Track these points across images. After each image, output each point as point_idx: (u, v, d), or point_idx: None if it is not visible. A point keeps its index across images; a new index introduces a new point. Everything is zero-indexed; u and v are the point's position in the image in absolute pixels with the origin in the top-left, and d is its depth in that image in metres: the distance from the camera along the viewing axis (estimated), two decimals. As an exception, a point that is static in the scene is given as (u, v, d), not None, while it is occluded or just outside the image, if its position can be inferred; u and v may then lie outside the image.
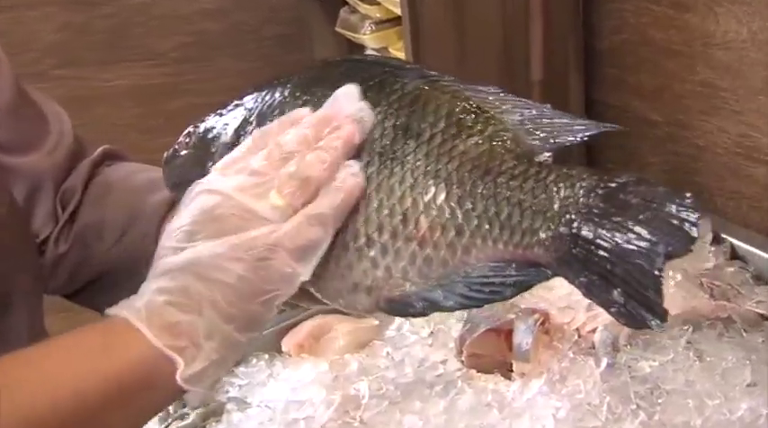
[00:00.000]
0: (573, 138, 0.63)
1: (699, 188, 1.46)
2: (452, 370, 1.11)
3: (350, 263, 0.63)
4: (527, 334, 1.07)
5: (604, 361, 1.05)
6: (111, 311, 0.60)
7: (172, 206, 0.80)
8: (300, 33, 2.03)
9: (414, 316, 0.64)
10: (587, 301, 0.64)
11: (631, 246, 0.58)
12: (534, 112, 0.64)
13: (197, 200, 0.62)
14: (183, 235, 0.61)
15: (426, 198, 0.62)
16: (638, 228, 0.58)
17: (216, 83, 2.01)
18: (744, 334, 1.09)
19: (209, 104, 0.73)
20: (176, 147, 0.74)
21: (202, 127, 0.72)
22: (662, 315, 0.58)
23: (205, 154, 0.71)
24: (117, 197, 0.86)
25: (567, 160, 0.63)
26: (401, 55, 1.64)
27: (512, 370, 1.08)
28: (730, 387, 1.01)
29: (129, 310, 0.59)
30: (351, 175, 0.62)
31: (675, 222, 0.58)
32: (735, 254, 1.27)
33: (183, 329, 0.58)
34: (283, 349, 1.21)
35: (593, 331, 1.10)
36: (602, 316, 1.09)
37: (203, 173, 0.69)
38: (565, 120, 0.63)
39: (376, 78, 0.66)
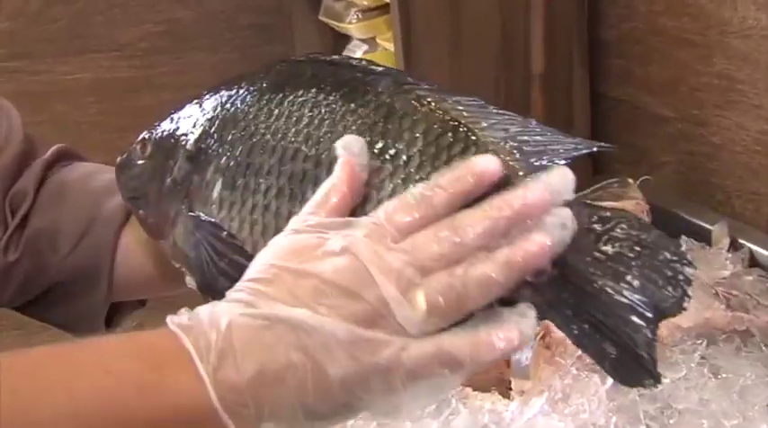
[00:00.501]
0: (560, 159, 0.62)
1: (715, 189, 1.47)
2: (445, 389, 1.11)
3: None
4: (526, 348, 1.08)
5: (610, 378, 1.05)
6: (173, 327, 0.55)
7: (131, 212, 0.80)
8: (280, 22, 2.03)
9: None
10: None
11: (623, 299, 0.58)
12: (519, 128, 0.63)
13: (339, 259, 0.56)
14: (312, 290, 0.55)
15: None
16: (630, 278, 0.58)
17: (187, 76, 2.01)
18: (763, 349, 1.09)
19: (179, 100, 0.73)
20: (130, 154, 0.73)
21: (158, 135, 0.71)
22: (657, 376, 0.59)
23: (163, 166, 0.70)
24: (73, 200, 0.85)
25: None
26: (390, 46, 1.64)
27: (510, 388, 1.08)
28: (749, 406, 1.01)
29: (194, 340, 0.55)
30: (517, 327, 0.56)
31: (670, 274, 0.59)
32: (754, 261, 1.27)
33: (252, 394, 0.54)
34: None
35: (599, 345, 1.10)
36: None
37: (161, 187, 0.69)
38: (552, 138, 0.63)
39: (346, 85, 0.65)
